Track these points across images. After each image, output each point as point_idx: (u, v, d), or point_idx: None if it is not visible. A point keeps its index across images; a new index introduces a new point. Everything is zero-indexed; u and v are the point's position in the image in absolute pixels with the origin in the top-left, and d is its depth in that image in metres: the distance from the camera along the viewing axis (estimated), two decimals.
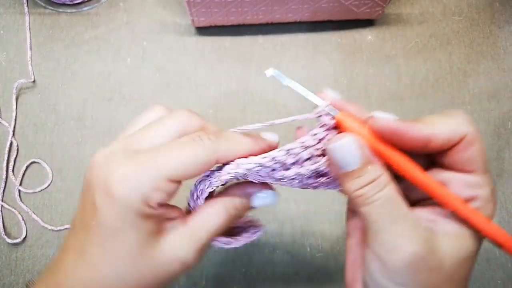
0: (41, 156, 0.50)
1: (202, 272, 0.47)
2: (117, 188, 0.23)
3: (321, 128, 0.26)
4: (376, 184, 0.23)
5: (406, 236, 0.23)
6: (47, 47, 0.54)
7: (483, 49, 0.54)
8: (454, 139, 0.24)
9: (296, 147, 0.26)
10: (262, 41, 0.54)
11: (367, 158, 0.23)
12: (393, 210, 0.23)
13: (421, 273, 0.23)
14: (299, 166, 0.26)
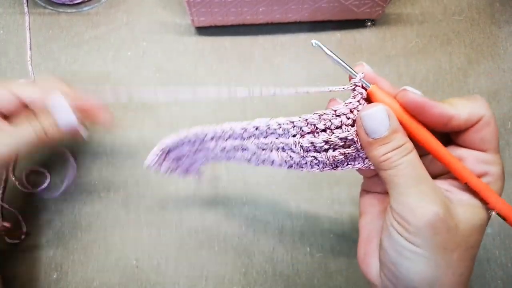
0: (41, 156, 0.50)
1: (202, 272, 0.47)
2: None
3: (354, 99, 0.27)
4: (402, 150, 0.25)
5: (428, 196, 0.25)
6: (47, 47, 0.54)
7: (483, 49, 0.54)
8: (473, 119, 0.26)
9: (329, 113, 0.27)
10: (262, 41, 0.54)
11: (394, 127, 0.25)
12: (416, 173, 0.25)
13: (440, 234, 0.25)
14: (329, 133, 0.27)
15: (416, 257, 0.25)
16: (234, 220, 0.48)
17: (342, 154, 0.27)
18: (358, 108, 0.27)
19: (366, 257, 0.30)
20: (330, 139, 0.26)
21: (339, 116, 0.27)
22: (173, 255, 0.47)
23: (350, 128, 0.27)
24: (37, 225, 0.48)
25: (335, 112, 0.27)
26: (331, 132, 0.27)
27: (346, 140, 0.27)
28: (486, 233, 0.48)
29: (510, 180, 0.49)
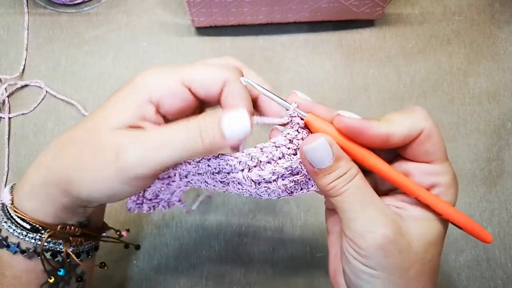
0: None
1: (202, 272, 0.47)
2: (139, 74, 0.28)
3: (292, 129, 0.27)
4: (347, 176, 0.26)
5: (376, 220, 0.25)
6: (48, 47, 0.54)
7: (483, 50, 0.54)
8: (413, 134, 0.26)
9: (268, 146, 0.27)
10: (262, 42, 0.54)
11: (338, 155, 0.26)
12: (363, 197, 0.26)
13: (392, 256, 0.25)
14: (274, 164, 0.27)
15: (374, 279, 0.26)
16: (234, 220, 0.48)
17: (292, 181, 0.28)
18: (297, 137, 0.27)
19: (335, 275, 0.30)
20: (275, 169, 0.27)
21: (279, 147, 0.27)
22: (173, 255, 0.47)
23: (293, 156, 0.27)
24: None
25: (275, 143, 0.27)
26: (275, 163, 0.27)
27: (292, 169, 0.28)
28: None
29: (510, 180, 0.50)
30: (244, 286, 0.46)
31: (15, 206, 0.29)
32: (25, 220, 0.28)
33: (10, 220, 0.29)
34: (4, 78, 0.52)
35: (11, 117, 0.52)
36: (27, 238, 0.29)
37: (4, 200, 0.29)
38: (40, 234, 0.29)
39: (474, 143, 0.51)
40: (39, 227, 0.29)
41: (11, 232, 0.29)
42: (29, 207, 0.29)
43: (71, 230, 0.30)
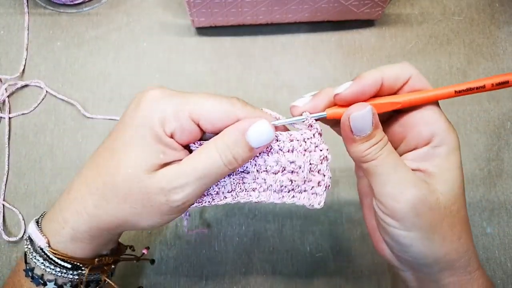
0: (41, 156, 0.50)
1: (202, 272, 0.47)
2: (143, 107, 0.27)
3: (310, 131, 0.29)
4: (381, 143, 0.28)
5: (407, 180, 0.27)
6: (48, 47, 0.54)
7: (483, 50, 0.54)
8: (401, 78, 0.28)
9: (284, 135, 0.29)
10: (262, 42, 0.54)
11: (376, 123, 0.27)
12: (394, 161, 0.28)
13: (424, 214, 0.27)
14: (281, 154, 0.29)
15: (412, 240, 0.28)
16: (234, 220, 0.48)
17: (289, 180, 0.29)
18: (311, 140, 0.29)
19: (379, 247, 0.32)
20: (280, 160, 0.29)
21: (292, 141, 0.29)
22: (173, 255, 0.47)
23: (301, 155, 0.29)
24: None
25: (290, 136, 0.29)
26: (283, 154, 0.29)
27: (294, 167, 0.29)
28: (486, 233, 0.48)
29: (510, 180, 0.50)
30: (244, 286, 0.46)
31: (53, 249, 0.30)
32: (65, 261, 0.30)
33: (47, 260, 0.30)
34: (4, 78, 0.52)
35: (11, 117, 0.52)
36: (65, 275, 0.30)
37: (38, 242, 0.30)
38: (80, 270, 0.31)
39: (474, 143, 0.51)
40: (79, 264, 0.31)
41: (49, 271, 0.30)
42: (71, 248, 0.30)
43: (105, 260, 0.33)
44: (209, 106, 0.27)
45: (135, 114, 0.28)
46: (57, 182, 0.50)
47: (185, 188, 0.27)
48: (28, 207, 0.49)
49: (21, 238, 0.48)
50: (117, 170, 0.28)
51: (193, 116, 0.27)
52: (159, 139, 0.27)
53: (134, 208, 0.28)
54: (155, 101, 0.27)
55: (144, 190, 0.27)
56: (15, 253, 0.47)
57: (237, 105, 0.28)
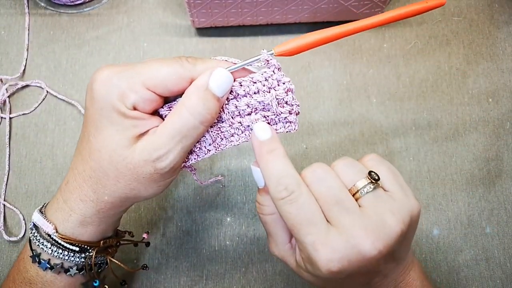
0: (42, 156, 0.50)
1: (202, 272, 0.47)
2: (96, 85, 0.28)
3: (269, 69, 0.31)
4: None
5: None
6: (48, 48, 0.54)
7: (482, 50, 0.54)
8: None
9: (247, 80, 0.31)
10: (262, 42, 0.54)
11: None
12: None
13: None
14: (249, 97, 0.31)
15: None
16: (234, 220, 0.48)
17: (262, 116, 0.31)
18: (272, 77, 0.31)
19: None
20: (250, 102, 0.31)
21: (256, 83, 0.31)
22: (173, 255, 0.47)
23: (267, 94, 0.30)
24: None
25: (252, 79, 0.31)
26: (250, 97, 0.31)
27: (264, 105, 0.31)
28: (485, 233, 0.48)
29: (510, 180, 0.50)
30: (244, 286, 0.46)
31: (61, 234, 0.31)
32: (74, 245, 0.32)
33: (55, 245, 0.32)
34: (5, 78, 0.53)
35: (12, 117, 0.52)
36: (72, 259, 0.32)
37: (46, 229, 0.32)
38: (88, 252, 0.33)
39: (473, 143, 0.51)
40: (87, 247, 0.32)
41: (56, 256, 0.32)
42: (79, 232, 0.32)
43: (110, 241, 0.34)
44: (161, 73, 0.28)
45: (93, 98, 0.28)
46: (58, 182, 0.50)
47: (168, 155, 0.28)
48: (28, 207, 0.49)
49: (21, 238, 0.48)
50: (99, 154, 0.29)
51: (148, 86, 0.28)
52: (123, 114, 0.28)
53: (129, 184, 0.29)
54: (107, 80, 0.28)
55: (130, 166, 0.29)
56: (16, 253, 0.47)
57: (187, 65, 0.29)
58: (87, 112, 0.29)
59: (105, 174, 0.29)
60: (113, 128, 0.28)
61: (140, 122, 0.29)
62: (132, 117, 0.28)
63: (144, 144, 0.28)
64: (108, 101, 0.28)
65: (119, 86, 0.28)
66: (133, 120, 0.28)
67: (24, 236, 0.48)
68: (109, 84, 0.28)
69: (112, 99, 0.28)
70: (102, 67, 0.29)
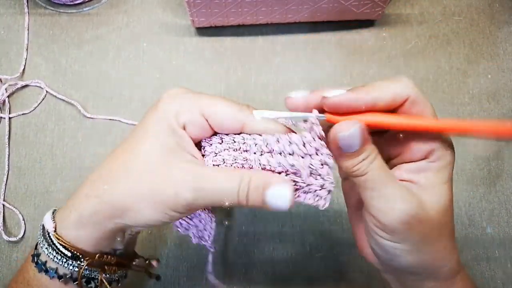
0: (41, 156, 0.50)
1: (202, 272, 0.47)
2: (163, 100, 0.29)
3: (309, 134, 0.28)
4: (370, 158, 0.27)
5: (397, 196, 0.27)
6: (48, 48, 0.54)
7: (483, 50, 0.54)
8: (397, 100, 0.27)
9: (284, 139, 0.29)
10: (262, 42, 0.54)
11: (364, 140, 0.27)
12: (384, 176, 0.27)
13: (414, 228, 0.27)
14: (283, 156, 0.29)
15: (402, 252, 0.28)
16: (234, 220, 0.48)
17: (292, 180, 0.29)
18: (310, 143, 0.28)
19: (363, 249, 0.33)
20: (282, 163, 0.29)
21: (292, 144, 0.29)
22: (173, 255, 0.47)
23: (301, 159, 0.28)
24: (37, 225, 0.48)
25: (290, 139, 0.29)
26: (284, 156, 0.29)
27: (296, 170, 0.29)
28: (486, 233, 0.48)
29: (510, 180, 0.50)
30: (244, 286, 0.46)
31: (58, 234, 0.30)
32: (67, 248, 0.30)
33: (51, 246, 0.30)
34: (5, 78, 0.52)
35: (12, 117, 0.52)
36: (66, 265, 0.30)
37: (47, 227, 0.31)
38: (79, 262, 0.31)
39: (474, 143, 0.51)
40: (79, 255, 0.30)
41: (51, 258, 0.30)
42: (73, 235, 0.30)
43: (107, 258, 0.32)
44: (219, 106, 0.29)
45: (153, 109, 0.29)
46: (57, 182, 0.50)
47: (197, 192, 0.28)
48: (28, 207, 0.49)
49: (21, 238, 0.48)
50: (133, 155, 0.29)
51: (204, 112, 0.29)
52: (172, 129, 0.28)
53: (141, 192, 0.28)
54: (171, 97, 0.29)
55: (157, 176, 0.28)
56: (15, 253, 0.47)
57: (246, 111, 0.29)
58: (146, 117, 0.30)
59: (126, 172, 0.29)
60: (158, 139, 0.28)
61: (184, 143, 0.29)
62: (179, 135, 0.29)
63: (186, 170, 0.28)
64: (165, 114, 0.29)
65: (180, 104, 0.29)
66: (178, 138, 0.29)
67: (24, 236, 0.48)
68: (173, 100, 0.29)
69: (169, 114, 0.29)
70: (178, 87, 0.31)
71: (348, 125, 0.27)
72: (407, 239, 0.27)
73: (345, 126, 0.27)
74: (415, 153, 0.29)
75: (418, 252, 0.28)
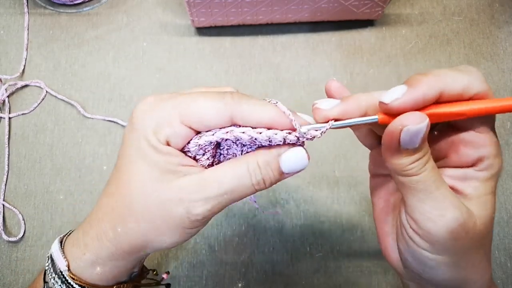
0: (41, 156, 0.50)
1: (202, 272, 0.47)
2: (137, 117, 0.26)
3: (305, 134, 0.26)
4: (426, 158, 0.25)
5: (449, 203, 0.25)
6: (48, 47, 0.54)
7: (483, 50, 0.54)
8: (466, 95, 0.24)
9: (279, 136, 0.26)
10: (262, 42, 0.54)
11: (425, 137, 0.24)
12: (437, 178, 0.25)
13: (461, 239, 0.25)
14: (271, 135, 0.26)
15: (440, 265, 0.26)
16: (234, 220, 0.48)
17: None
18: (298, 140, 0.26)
19: (387, 252, 0.30)
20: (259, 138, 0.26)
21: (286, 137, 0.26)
22: (173, 255, 0.47)
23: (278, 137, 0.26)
24: (37, 225, 0.48)
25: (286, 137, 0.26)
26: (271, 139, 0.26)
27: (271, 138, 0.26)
28: None
29: (510, 180, 0.50)
30: (244, 286, 0.46)
31: (72, 273, 0.29)
32: (83, 287, 0.29)
33: (65, 283, 0.29)
34: (4, 78, 0.52)
35: (11, 117, 0.52)
36: None
37: (59, 265, 0.29)
38: None
39: None
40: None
41: None
42: (89, 273, 0.29)
43: (123, 287, 0.31)
44: (199, 108, 0.25)
45: (132, 127, 0.27)
46: (57, 182, 0.50)
47: (207, 202, 0.26)
48: (28, 207, 0.49)
49: (21, 238, 0.48)
50: (127, 186, 0.26)
51: (184, 120, 0.25)
52: (155, 149, 0.26)
53: (153, 223, 0.26)
54: (148, 109, 0.26)
55: (161, 201, 0.26)
56: (15, 253, 0.47)
57: (229, 102, 0.25)
58: (125, 140, 0.27)
59: (129, 209, 0.27)
60: (145, 161, 0.26)
61: (173, 159, 0.26)
62: (164, 152, 0.26)
63: (185, 183, 0.26)
64: (143, 132, 0.26)
65: (157, 118, 0.26)
66: (166, 156, 0.26)
67: (24, 236, 0.48)
68: (148, 114, 0.26)
69: (147, 131, 0.26)
70: (149, 96, 0.27)
71: (416, 118, 0.23)
72: (449, 251, 0.25)
73: (413, 119, 0.23)
74: (463, 158, 0.26)
75: (456, 266, 0.26)
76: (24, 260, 0.47)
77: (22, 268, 0.47)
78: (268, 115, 0.25)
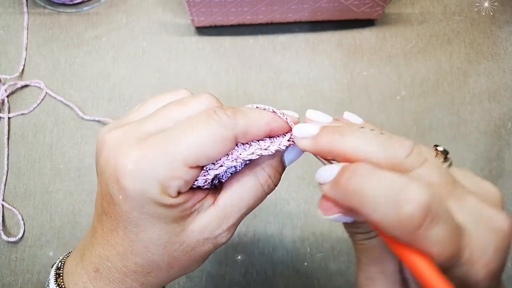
0: (40, 156, 0.50)
1: (202, 272, 0.46)
2: (126, 180, 0.22)
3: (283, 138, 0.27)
4: None
5: None
6: (47, 47, 0.54)
7: (484, 49, 0.54)
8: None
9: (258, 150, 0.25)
10: (262, 41, 0.54)
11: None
12: None
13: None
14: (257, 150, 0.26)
15: None
16: None
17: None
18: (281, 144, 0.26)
19: None
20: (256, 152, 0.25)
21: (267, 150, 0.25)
22: None
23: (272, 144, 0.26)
24: (37, 225, 0.48)
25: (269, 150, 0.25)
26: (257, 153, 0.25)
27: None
28: None
29: (510, 180, 0.49)
30: (244, 286, 0.46)
31: None
32: None
33: None
34: (4, 78, 0.52)
35: (11, 117, 0.52)
36: None
37: None
38: None
39: (474, 143, 0.51)
40: None
41: None
42: None
43: None
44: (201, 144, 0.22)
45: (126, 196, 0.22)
46: (56, 182, 0.49)
47: (231, 229, 0.26)
48: (27, 207, 0.49)
49: (20, 238, 0.47)
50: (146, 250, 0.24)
51: (190, 163, 0.22)
52: (170, 206, 0.23)
53: (183, 266, 0.26)
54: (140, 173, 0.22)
55: (188, 249, 0.25)
56: (14, 253, 0.47)
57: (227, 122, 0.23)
58: (119, 208, 0.23)
59: (157, 266, 0.25)
60: (160, 222, 0.23)
61: (187, 204, 0.24)
62: (176, 204, 0.23)
63: (205, 222, 0.25)
64: (148, 198, 0.22)
65: (158, 177, 0.22)
66: (179, 206, 0.24)
67: (23, 236, 0.48)
68: (145, 179, 0.22)
69: (153, 195, 0.22)
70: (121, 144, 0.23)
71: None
72: None
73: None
74: None
75: None
76: (24, 260, 0.47)
77: (22, 268, 0.47)
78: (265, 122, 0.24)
